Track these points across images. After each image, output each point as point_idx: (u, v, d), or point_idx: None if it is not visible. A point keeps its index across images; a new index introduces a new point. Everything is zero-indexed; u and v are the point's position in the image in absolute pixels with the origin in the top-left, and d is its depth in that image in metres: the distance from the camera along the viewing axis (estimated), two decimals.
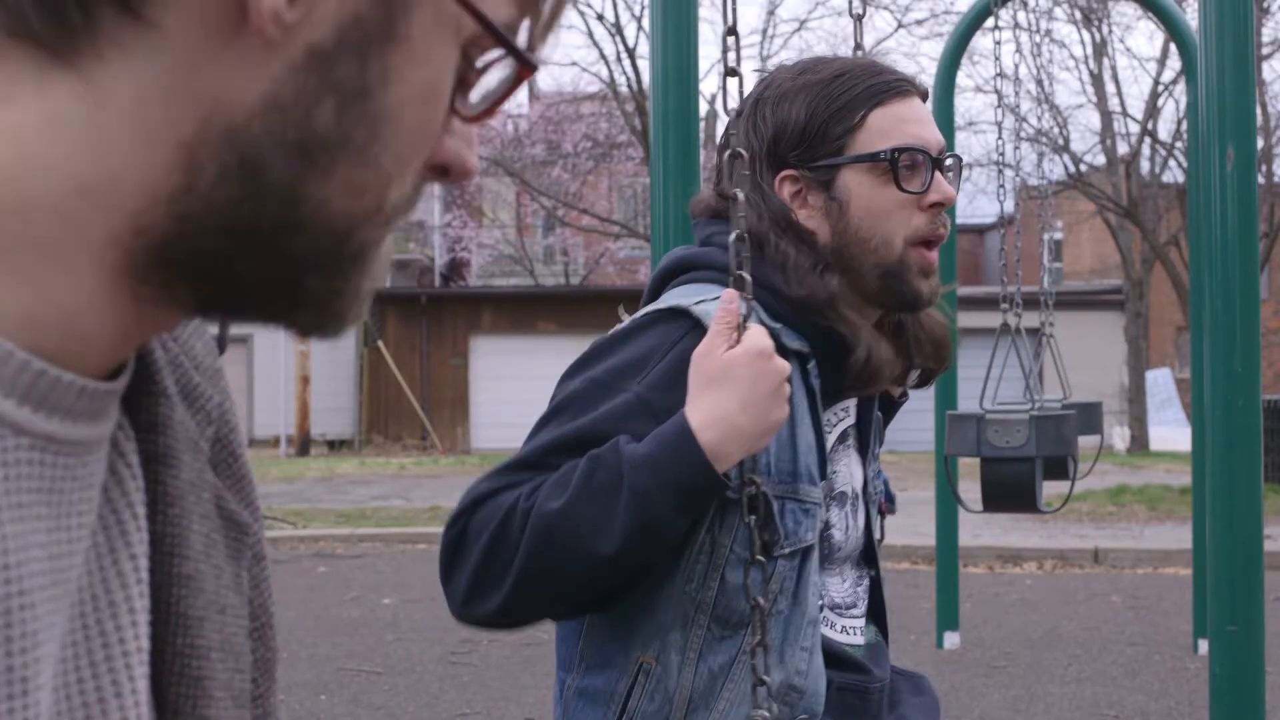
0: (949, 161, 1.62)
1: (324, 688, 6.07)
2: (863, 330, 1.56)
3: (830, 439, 1.63)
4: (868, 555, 1.71)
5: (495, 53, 0.51)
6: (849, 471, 1.67)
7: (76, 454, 0.47)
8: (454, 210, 25.99)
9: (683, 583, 1.49)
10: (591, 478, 1.40)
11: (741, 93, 1.57)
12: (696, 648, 1.49)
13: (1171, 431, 22.09)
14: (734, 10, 1.58)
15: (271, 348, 21.15)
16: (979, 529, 10.19)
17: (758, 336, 1.44)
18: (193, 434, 0.57)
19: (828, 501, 1.60)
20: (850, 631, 1.66)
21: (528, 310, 22.74)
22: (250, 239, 0.47)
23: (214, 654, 0.56)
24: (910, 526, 10.66)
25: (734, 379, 1.41)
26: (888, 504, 1.79)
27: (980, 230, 34.42)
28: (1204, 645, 5.85)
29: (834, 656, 1.61)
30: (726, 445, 1.40)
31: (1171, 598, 8.20)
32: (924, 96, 1.63)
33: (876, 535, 1.73)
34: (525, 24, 0.52)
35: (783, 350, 1.50)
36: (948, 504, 6.05)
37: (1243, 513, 2.96)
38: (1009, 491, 4.07)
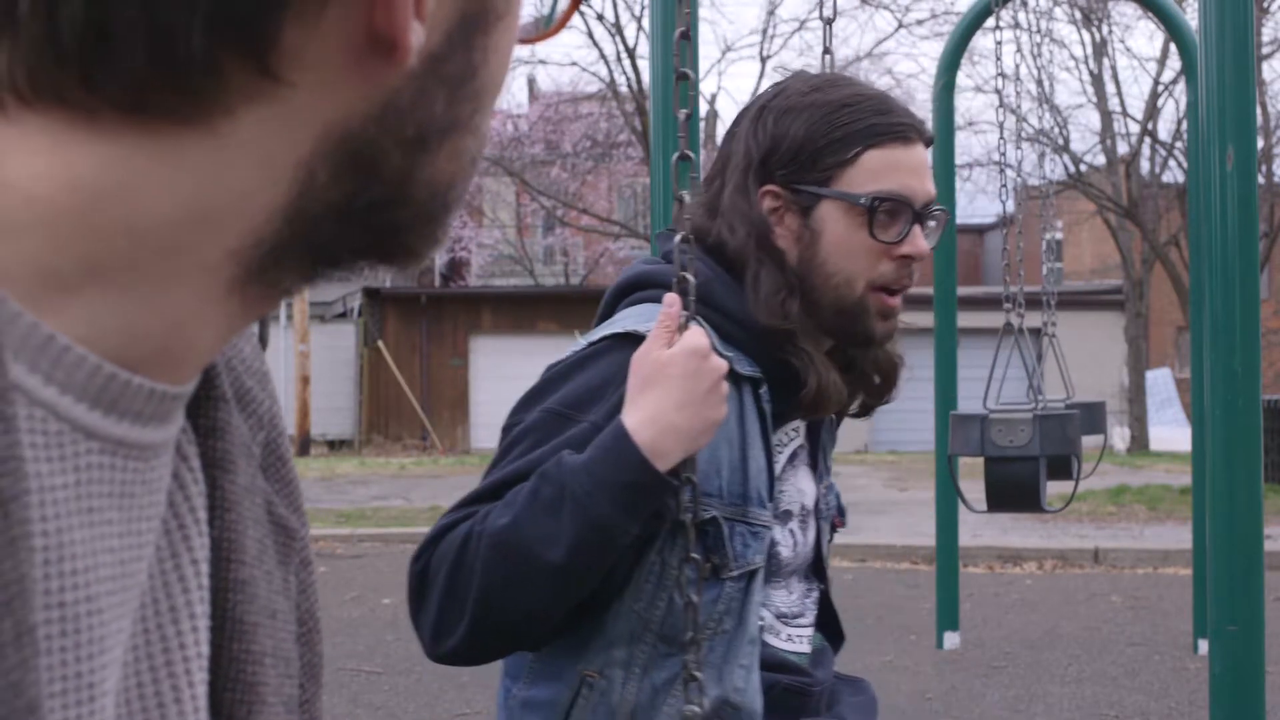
0: (935, 214, 1.61)
1: (324, 688, 6.08)
2: (816, 361, 1.57)
3: (781, 459, 1.65)
4: (816, 569, 1.74)
5: None
6: (797, 489, 1.69)
7: (145, 458, 0.47)
8: None
9: (631, 601, 1.52)
10: (538, 492, 1.42)
11: (699, 94, 1.60)
12: (641, 663, 1.52)
13: (1171, 431, 22.11)
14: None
15: (271, 348, 21.13)
16: (979, 529, 10.19)
17: (694, 336, 1.45)
18: (245, 439, 0.57)
19: (774, 521, 1.62)
20: (796, 640, 1.70)
21: (528, 310, 22.73)
22: (362, 219, 0.49)
23: (267, 660, 0.56)
24: (910, 526, 10.66)
25: (669, 378, 1.42)
26: (840, 518, 1.82)
27: (980, 230, 34.44)
28: (1204, 645, 5.85)
29: (779, 662, 1.66)
30: (663, 443, 1.41)
31: (1171, 598, 8.20)
32: (928, 143, 1.62)
33: (826, 550, 1.75)
34: None
35: (735, 377, 1.53)
36: (948, 504, 6.04)
37: (1243, 513, 2.95)
38: (1013, 491, 4.07)
